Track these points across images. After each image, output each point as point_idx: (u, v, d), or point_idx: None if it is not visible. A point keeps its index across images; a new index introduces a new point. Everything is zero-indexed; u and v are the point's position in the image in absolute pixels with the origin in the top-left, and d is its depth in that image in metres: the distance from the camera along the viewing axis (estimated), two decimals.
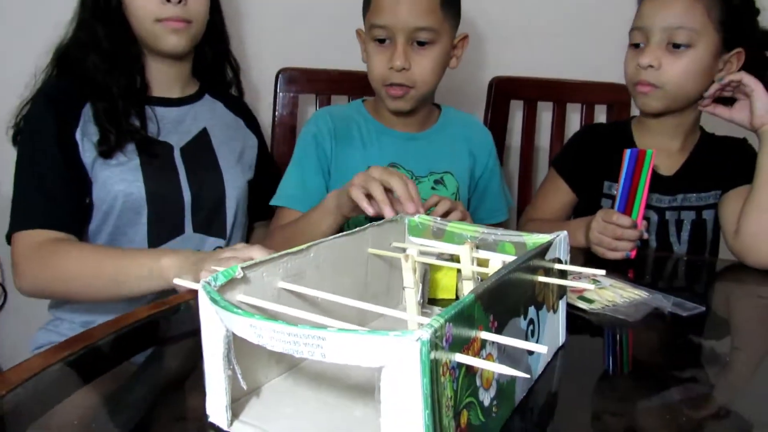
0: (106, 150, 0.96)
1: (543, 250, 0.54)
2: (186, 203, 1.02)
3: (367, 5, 1.07)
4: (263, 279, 0.48)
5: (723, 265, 1.04)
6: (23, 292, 0.93)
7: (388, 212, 0.73)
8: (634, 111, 1.44)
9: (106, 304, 0.95)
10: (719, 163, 1.08)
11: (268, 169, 1.20)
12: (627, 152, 0.95)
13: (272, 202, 1.09)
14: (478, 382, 0.41)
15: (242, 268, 0.46)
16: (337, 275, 0.57)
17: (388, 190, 0.77)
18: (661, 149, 1.06)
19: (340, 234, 0.58)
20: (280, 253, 0.50)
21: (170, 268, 0.80)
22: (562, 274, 0.59)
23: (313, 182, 1.09)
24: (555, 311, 0.59)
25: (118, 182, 0.97)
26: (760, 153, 0.99)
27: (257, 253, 0.71)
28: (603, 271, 0.55)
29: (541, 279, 0.54)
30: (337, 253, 0.57)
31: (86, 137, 0.96)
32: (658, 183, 1.06)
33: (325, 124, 1.11)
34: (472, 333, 0.40)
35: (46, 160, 0.94)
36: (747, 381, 0.60)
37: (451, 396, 0.37)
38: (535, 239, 0.61)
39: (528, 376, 0.37)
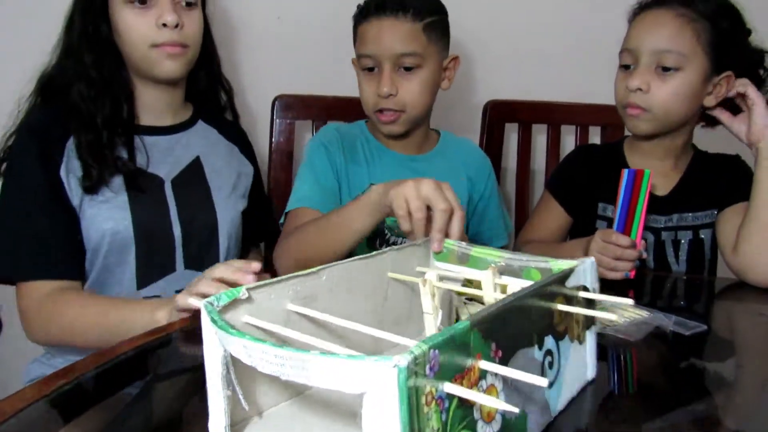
0: (90, 186, 0.92)
1: (563, 277, 0.52)
2: (176, 239, 0.99)
3: (355, 37, 1.10)
4: (270, 300, 0.47)
5: (722, 284, 1.03)
6: (33, 341, 0.93)
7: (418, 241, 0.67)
8: (628, 132, 1.45)
9: None
10: (714, 182, 1.08)
11: (261, 198, 1.18)
12: (624, 172, 0.95)
13: (288, 207, 1.06)
14: (476, 415, 0.39)
15: (247, 289, 0.45)
16: (353, 300, 0.56)
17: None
18: (655, 169, 1.05)
19: (355, 258, 0.56)
20: (287, 276, 0.48)
21: (164, 320, 0.79)
22: (590, 303, 0.55)
23: (328, 183, 1.07)
24: (581, 342, 0.56)
25: (105, 220, 0.93)
26: (758, 169, 0.99)
27: (222, 270, 0.72)
28: (631, 301, 0.52)
29: (561, 307, 0.51)
30: (353, 277, 0.55)
31: (71, 173, 0.93)
32: (653, 203, 1.05)
33: (334, 137, 1.12)
34: (468, 362, 0.38)
35: (34, 203, 0.91)
36: (754, 400, 0.60)
37: (439, 428, 0.36)
38: (560, 265, 0.58)
39: (516, 410, 0.35)
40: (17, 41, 1.25)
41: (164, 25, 0.92)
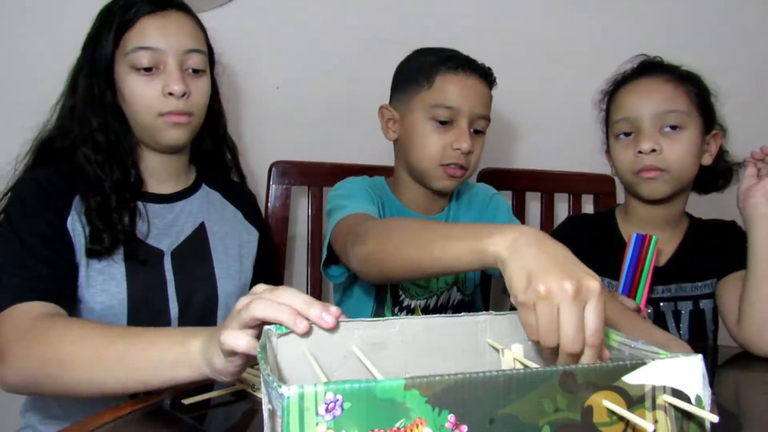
0: (98, 250, 0.87)
1: (620, 369, 0.44)
2: (173, 316, 0.93)
3: (426, 83, 1.04)
4: (332, 338, 0.50)
5: (726, 352, 1.01)
6: (7, 384, 0.74)
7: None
8: (619, 200, 1.47)
9: (89, 409, 0.82)
10: (711, 250, 1.07)
11: (268, 265, 1.12)
12: (633, 236, 0.95)
13: (333, 223, 0.96)
14: None
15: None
16: (434, 357, 0.54)
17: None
18: None
19: (438, 315, 0.55)
20: (354, 320, 0.51)
21: (197, 354, 0.62)
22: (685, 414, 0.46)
23: (375, 205, 1.02)
24: None
25: (99, 292, 0.87)
26: (754, 236, 0.96)
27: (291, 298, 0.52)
28: (716, 418, 0.45)
29: (612, 407, 0.43)
30: (434, 334, 0.54)
31: (76, 230, 0.87)
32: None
33: (365, 182, 1.10)
34: (399, 421, 0.38)
35: (30, 229, 0.84)
36: None
37: None
38: (666, 357, 0.47)
39: None
40: (14, 99, 1.23)
41: (170, 93, 0.90)
